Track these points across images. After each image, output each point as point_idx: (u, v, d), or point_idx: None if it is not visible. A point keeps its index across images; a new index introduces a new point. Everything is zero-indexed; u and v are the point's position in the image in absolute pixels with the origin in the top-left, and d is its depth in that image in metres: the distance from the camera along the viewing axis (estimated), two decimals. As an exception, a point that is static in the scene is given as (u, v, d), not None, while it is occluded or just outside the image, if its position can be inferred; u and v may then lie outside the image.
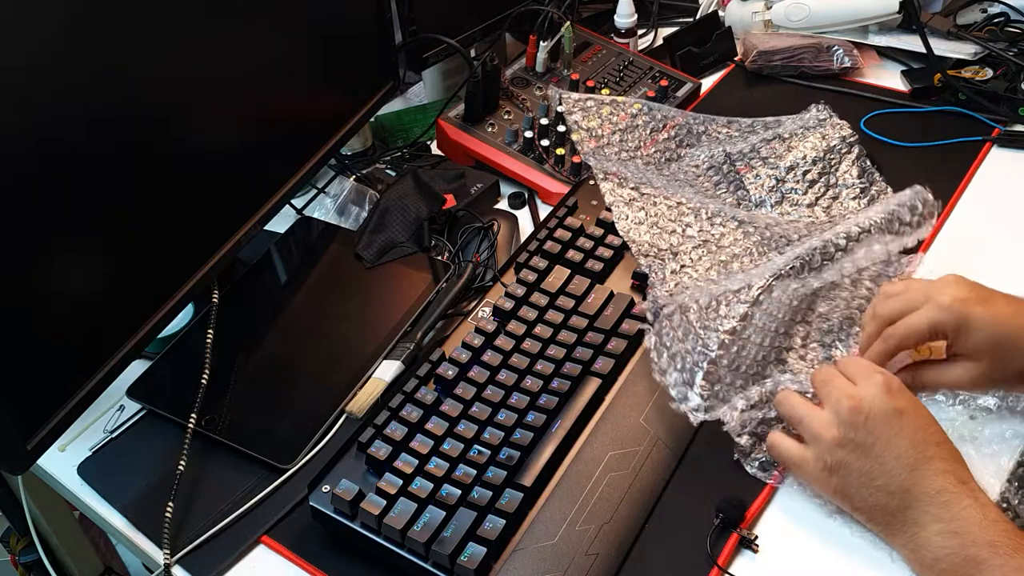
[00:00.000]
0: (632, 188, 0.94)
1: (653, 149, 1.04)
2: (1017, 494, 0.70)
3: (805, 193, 0.96)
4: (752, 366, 0.78)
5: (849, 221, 0.86)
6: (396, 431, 0.74)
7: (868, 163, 0.99)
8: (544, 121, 1.07)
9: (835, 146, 0.99)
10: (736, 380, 0.77)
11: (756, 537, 0.70)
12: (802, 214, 0.95)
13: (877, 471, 0.65)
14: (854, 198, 0.96)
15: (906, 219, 0.86)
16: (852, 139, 0.99)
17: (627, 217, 0.91)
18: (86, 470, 0.80)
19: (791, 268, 0.81)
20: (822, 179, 0.97)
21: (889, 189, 0.98)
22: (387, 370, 0.84)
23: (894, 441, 0.64)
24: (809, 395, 0.72)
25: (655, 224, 0.90)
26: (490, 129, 1.10)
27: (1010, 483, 0.71)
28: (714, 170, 1.00)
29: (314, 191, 1.09)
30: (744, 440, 0.73)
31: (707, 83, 1.23)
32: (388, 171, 1.10)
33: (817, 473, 0.68)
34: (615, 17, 1.26)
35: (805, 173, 0.97)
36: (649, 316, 0.79)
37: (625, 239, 0.90)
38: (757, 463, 0.73)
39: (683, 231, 0.89)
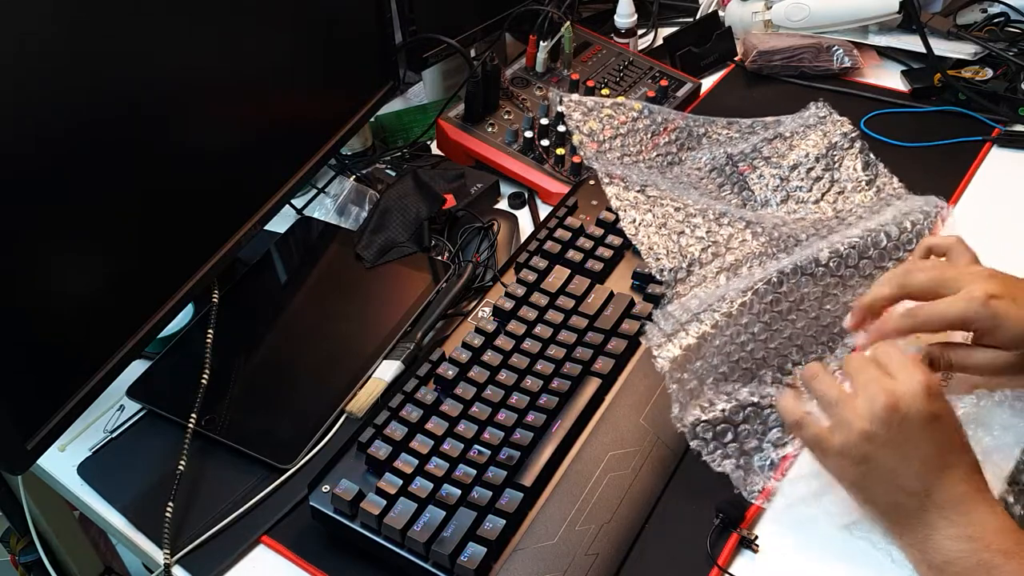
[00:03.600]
0: (638, 191, 0.94)
1: (655, 153, 1.04)
2: (1013, 493, 0.70)
3: (811, 190, 0.96)
4: (747, 359, 0.77)
5: (862, 223, 0.85)
6: (396, 431, 0.74)
7: (872, 156, 0.99)
8: (544, 121, 1.07)
9: (837, 142, 0.99)
10: (723, 366, 0.76)
11: (756, 537, 0.70)
12: (809, 211, 0.95)
13: (901, 471, 0.64)
14: (860, 191, 0.96)
15: (924, 235, 0.85)
16: (853, 135, 0.99)
17: (635, 220, 0.91)
18: (86, 470, 0.80)
19: (798, 265, 0.80)
20: (826, 175, 0.97)
21: (895, 179, 0.97)
22: (387, 370, 0.84)
23: (923, 445, 0.63)
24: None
25: (663, 226, 0.90)
26: (490, 129, 1.10)
27: (1010, 486, 0.71)
28: (716, 172, 1.00)
29: (314, 191, 1.09)
30: (729, 468, 0.72)
31: (707, 83, 1.23)
32: (388, 171, 1.10)
33: (837, 460, 0.66)
34: (615, 17, 1.26)
35: (809, 170, 0.97)
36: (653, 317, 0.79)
37: (633, 242, 0.89)
38: (754, 490, 0.72)
39: (691, 232, 0.89)
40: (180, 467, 0.76)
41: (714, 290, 0.82)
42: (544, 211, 1.04)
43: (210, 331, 0.84)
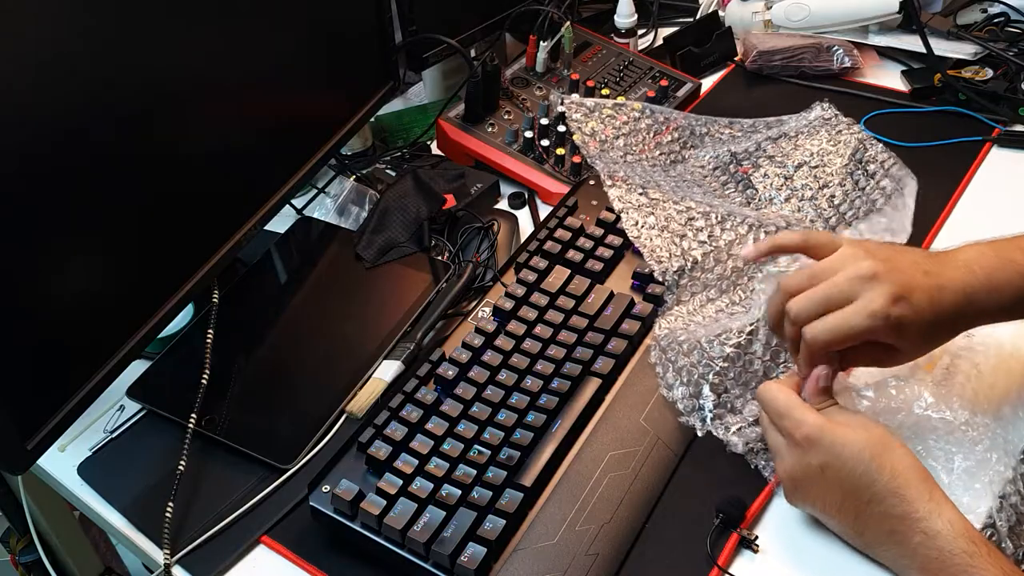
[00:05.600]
0: (640, 193, 0.93)
1: (657, 152, 1.04)
2: (1003, 520, 0.67)
3: (820, 189, 0.95)
4: (761, 380, 0.77)
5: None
6: (396, 431, 0.74)
7: (878, 149, 0.97)
8: (544, 121, 1.07)
9: (840, 148, 0.97)
10: (746, 393, 0.77)
11: (756, 537, 0.70)
12: (814, 207, 0.94)
13: (830, 521, 0.68)
14: (869, 188, 0.95)
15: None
16: (863, 137, 0.98)
17: (637, 222, 0.90)
18: (86, 470, 0.80)
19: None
20: (835, 176, 0.96)
21: (911, 175, 0.95)
22: (387, 370, 0.84)
23: (828, 496, 0.66)
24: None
25: (665, 228, 0.89)
26: (490, 129, 1.10)
27: (998, 513, 0.68)
28: (720, 170, 1.00)
29: (314, 191, 1.09)
30: (752, 449, 0.74)
31: (707, 83, 1.23)
32: (388, 171, 1.10)
33: None
34: (615, 17, 1.26)
35: (815, 169, 0.96)
36: (656, 332, 0.79)
37: (636, 244, 0.89)
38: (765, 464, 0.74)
39: (694, 236, 0.89)
40: (180, 467, 0.76)
41: (714, 322, 0.81)
42: (544, 211, 1.04)
43: (210, 331, 0.84)
